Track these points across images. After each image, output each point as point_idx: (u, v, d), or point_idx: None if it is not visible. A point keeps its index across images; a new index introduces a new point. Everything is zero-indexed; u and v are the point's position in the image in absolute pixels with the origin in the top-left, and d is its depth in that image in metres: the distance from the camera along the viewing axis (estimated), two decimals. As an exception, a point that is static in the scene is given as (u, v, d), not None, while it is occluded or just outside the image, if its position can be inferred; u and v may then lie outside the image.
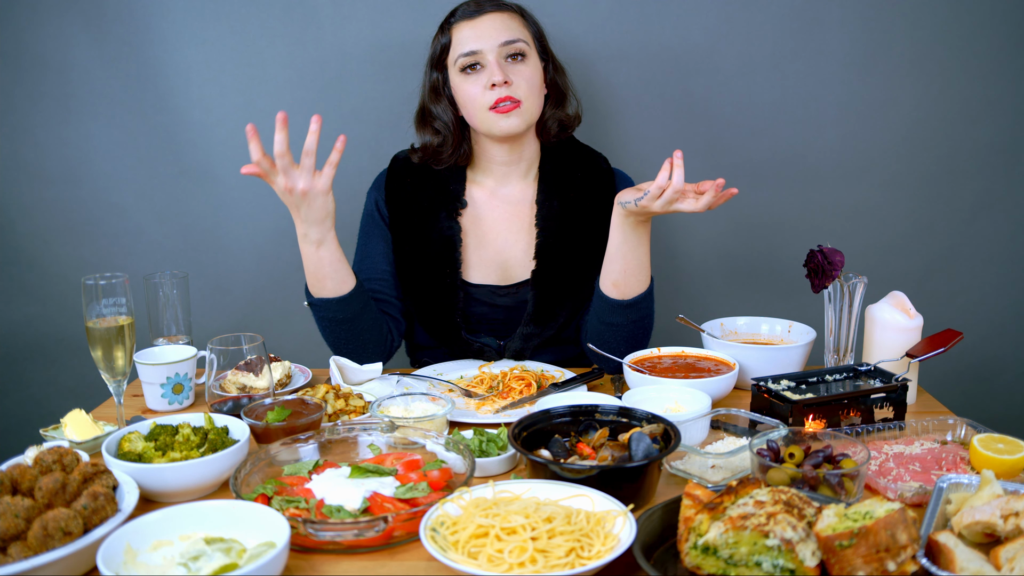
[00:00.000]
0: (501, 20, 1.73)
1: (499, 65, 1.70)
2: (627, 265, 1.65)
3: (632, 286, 1.67)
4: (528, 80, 1.73)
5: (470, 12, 1.74)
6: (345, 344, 1.73)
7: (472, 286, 1.83)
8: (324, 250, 1.62)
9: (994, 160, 2.23)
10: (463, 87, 1.74)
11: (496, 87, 1.69)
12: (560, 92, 1.83)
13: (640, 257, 1.66)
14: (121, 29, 2.12)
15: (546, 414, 1.33)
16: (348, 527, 1.06)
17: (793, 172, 2.24)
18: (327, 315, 1.69)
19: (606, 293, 1.69)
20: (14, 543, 1.00)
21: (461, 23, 1.74)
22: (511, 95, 1.70)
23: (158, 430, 1.31)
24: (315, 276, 1.66)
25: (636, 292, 1.68)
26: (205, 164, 2.21)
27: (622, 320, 1.70)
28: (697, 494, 1.04)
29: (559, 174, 1.85)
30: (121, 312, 1.48)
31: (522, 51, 1.73)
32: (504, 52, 1.71)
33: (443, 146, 1.81)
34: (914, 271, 2.28)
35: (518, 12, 1.78)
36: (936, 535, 1.00)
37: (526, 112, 1.73)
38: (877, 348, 1.60)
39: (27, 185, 2.21)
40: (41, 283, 2.27)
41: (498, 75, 1.68)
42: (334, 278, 1.65)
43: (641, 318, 1.71)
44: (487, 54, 1.70)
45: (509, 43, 1.71)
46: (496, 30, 1.72)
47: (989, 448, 1.23)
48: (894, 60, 2.16)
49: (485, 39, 1.71)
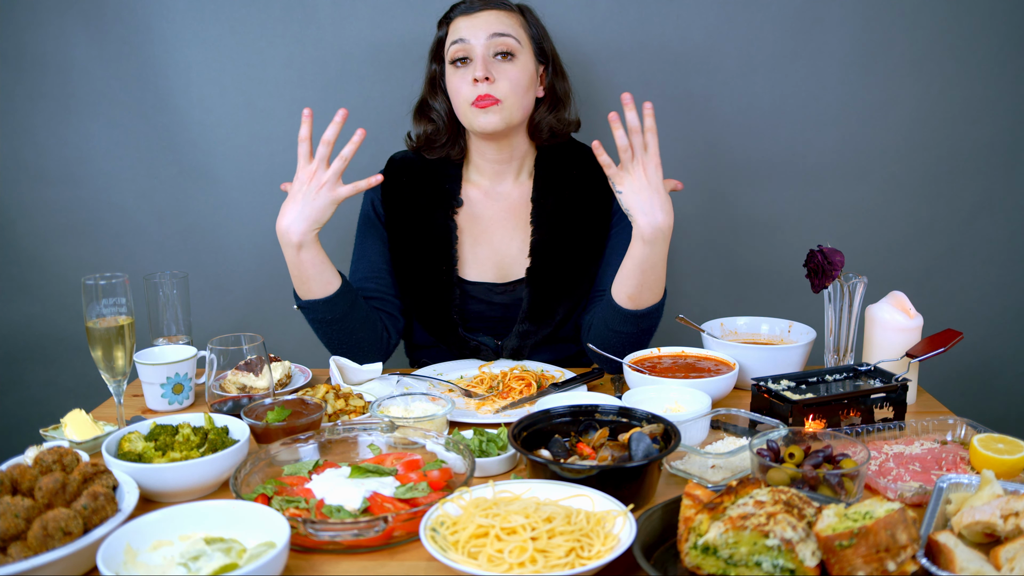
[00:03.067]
0: (497, 17, 1.75)
1: (484, 61, 1.71)
2: (645, 280, 1.63)
3: (647, 298, 1.67)
4: (512, 80, 1.72)
5: (469, 8, 1.76)
6: (339, 344, 1.74)
7: (468, 283, 1.84)
8: (304, 253, 1.62)
9: (994, 160, 2.23)
10: (451, 80, 1.76)
11: (477, 82, 1.70)
12: (557, 97, 1.84)
13: (659, 272, 1.64)
14: (121, 29, 2.12)
15: (546, 414, 1.33)
16: (348, 527, 1.06)
17: (793, 172, 2.24)
18: (316, 316, 1.70)
19: (620, 304, 1.68)
20: (14, 543, 1.00)
21: (459, 17, 1.76)
22: (491, 93, 1.70)
23: (158, 430, 1.31)
24: (299, 279, 1.67)
25: (650, 303, 1.67)
26: (205, 164, 2.22)
27: (632, 329, 1.70)
28: (697, 494, 1.04)
29: (554, 172, 1.85)
30: (121, 312, 1.48)
31: (511, 49, 1.73)
32: (492, 47, 1.72)
33: (436, 134, 1.84)
34: (914, 271, 2.28)
35: (519, 12, 1.79)
36: (936, 535, 1.00)
37: (505, 111, 1.72)
38: (877, 348, 1.60)
39: (27, 185, 2.21)
40: (41, 283, 2.27)
41: (479, 71, 1.69)
42: (318, 280, 1.65)
43: (651, 326, 1.72)
44: (476, 47, 1.71)
45: (498, 35, 1.72)
46: (489, 24, 1.73)
47: (989, 448, 1.23)
48: (894, 60, 2.16)
49: (477, 31, 1.72)
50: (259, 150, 2.21)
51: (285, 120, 2.19)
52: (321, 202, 1.60)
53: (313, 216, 1.59)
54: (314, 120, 2.21)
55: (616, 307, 1.68)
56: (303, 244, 1.61)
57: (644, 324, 1.69)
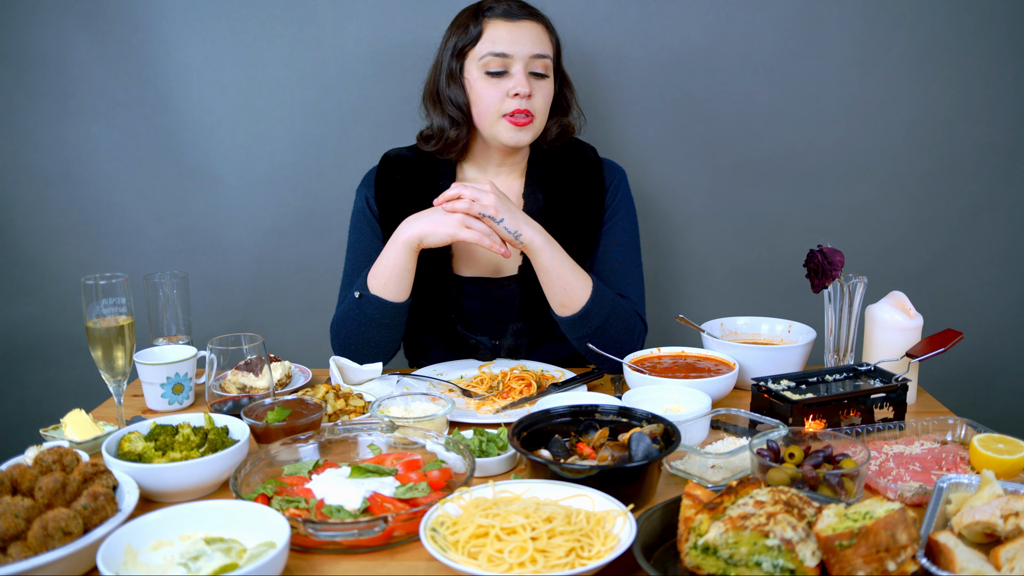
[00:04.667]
0: (537, 32, 1.74)
1: (525, 76, 1.71)
2: (563, 281, 1.66)
3: (578, 296, 1.67)
4: (545, 98, 1.75)
5: (510, 13, 1.73)
6: (360, 345, 1.73)
7: (465, 280, 1.84)
8: (413, 258, 1.66)
9: (994, 160, 2.23)
10: (482, 87, 1.73)
11: (519, 97, 1.70)
12: (564, 106, 1.85)
13: (565, 267, 1.66)
14: (121, 29, 2.12)
15: (546, 414, 1.33)
16: (348, 527, 1.06)
17: (793, 172, 2.24)
18: (369, 311, 1.69)
19: (564, 315, 1.69)
20: (14, 543, 1.00)
21: (499, 20, 1.72)
22: (529, 108, 1.71)
23: (158, 430, 1.31)
24: (385, 274, 1.67)
25: (584, 299, 1.67)
26: (205, 164, 2.22)
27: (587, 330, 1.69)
28: (697, 494, 1.04)
29: (545, 166, 1.86)
30: (121, 312, 1.48)
31: (547, 68, 1.75)
32: (532, 66, 1.72)
33: (458, 137, 1.80)
34: (914, 271, 2.28)
35: (548, 27, 1.79)
36: (936, 535, 1.00)
37: (535, 127, 1.75)
38: (877, 348, 1.60)
39: (27, 185, 2.21)
40: (41, 283, 2.27)
41: (524, 87, 1.69)
42: (400, 285, 1.67)
43: (604, 321, 1.70)
44: (516, 62, 1.71)
45: (539, 57, 1.72)
46: (532, 40, 1.72)
47: (989, 448, 1.23)
48: (894, 60, 2.16)
49: (520, 45, 1.71)
50: (259, 150, 2.21)
51: (285, 120, 2.20)
52: (453, 220, 1.63)
53: (440, 228, 1.62)
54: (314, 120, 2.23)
55: (565, 319, 1.70)
56: (418, 247, 1.65)
57: (595, 321, 1.68)
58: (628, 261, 1.83)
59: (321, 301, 2.18)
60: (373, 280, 1.69)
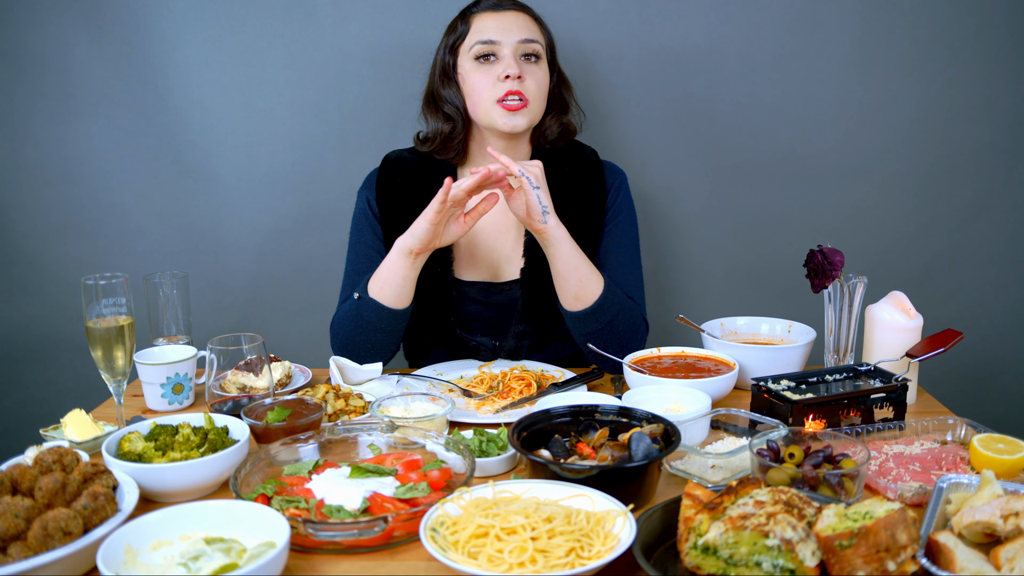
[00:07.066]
0: (524, 20, 1.77)
1: (515, 60, 1.72)
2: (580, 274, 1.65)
3: (591, 291, 1.67)
4: (538, 82, 1.75)
5: (497, 5, 1.77)
6: (358, 347, 1.73)
7: (465, 284, 1.84)
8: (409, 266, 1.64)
9: (994, 160, 2.23)
10: (473, 76, 1.75)
11: (509, 79, 1.70)
12: (562, 105, 1.86)
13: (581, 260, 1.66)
14: (121, 29, 2.12)
15: (546, 414, 1.33)
16: (348, 527, 1.06)
17: (793, 172, 2.24)
18: (367, 315, 1.69)
19: (574, 310, 1.69)
20: (14, 543, 1.00)
21: (484, 14, 1.76)
22: (521, 91, 1.71)
23: (158, 430, 1.31)
24: (385, 280, 1.67)
25: (596, 293, 1.67)
26: (205, 164, 2.22)
27: (596, 326, 1.69)
28: (697, 494, 1.04)
29: (547, 169, 1.85)
30: (121, 312, 1.48)
31: (537, 53, 1.76)
32: (521, 50, 1.73)
33: (454, 132, 1.81)
34: (914, 271, 2.28)
35: (537, 19, 1.81)
36: (936, 535, 1.00)
37: (531, 113, 1.74)
38: (877, 348, 1.60)
39: (27, 185, 2.21)
40: (41, 283, 2.27)
41: (513, 68, 1.70)
42: (399, 293, 1.67)
43: (613, 317, 1.70)
44: (505, 47, 1.72)
45: (528, 41, 1.74)
46: (518, 26, 1.74)
47: (989, 448, 1.23)
48: (894, 60, 2.16)
49: (506, 32, 1.73)
50: (259, 150, 2.21)
51: (285, 120, 2.20)
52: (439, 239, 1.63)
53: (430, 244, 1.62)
54: (314, 120, 2.23)
55: (576, 314, 1.69)
56: (413, 263, 1.64)
57: (605, 316, 1.69)
58: (629, 263, 1.83)
59: (321, 301, 2.18)
60: (373, 283, 1.69)
